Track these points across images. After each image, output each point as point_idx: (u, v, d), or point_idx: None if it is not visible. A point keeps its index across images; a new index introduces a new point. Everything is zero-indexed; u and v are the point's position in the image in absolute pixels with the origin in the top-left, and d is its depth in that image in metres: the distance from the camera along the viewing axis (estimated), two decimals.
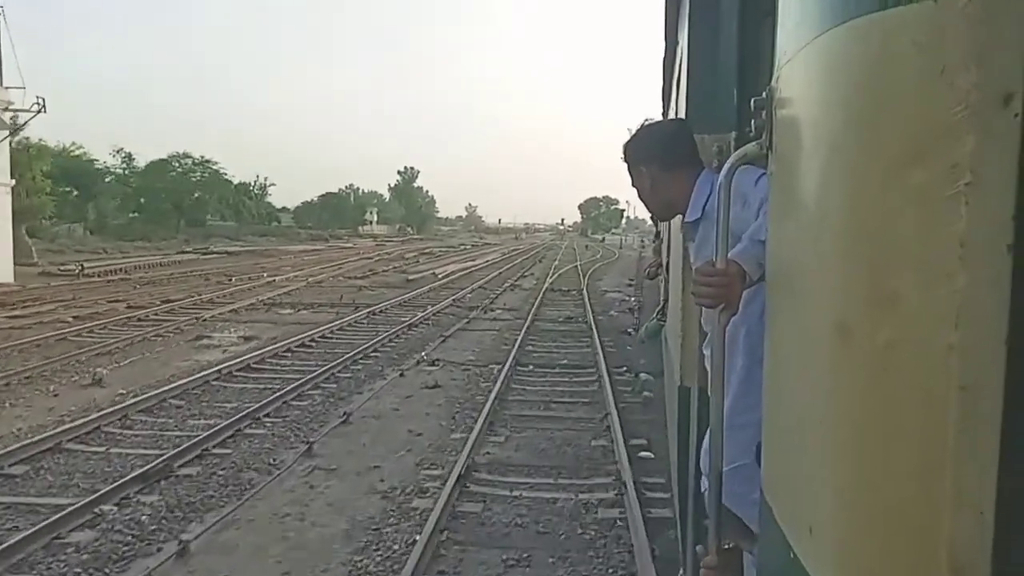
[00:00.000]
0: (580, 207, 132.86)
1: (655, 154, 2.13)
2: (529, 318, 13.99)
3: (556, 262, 34.00)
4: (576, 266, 30.38)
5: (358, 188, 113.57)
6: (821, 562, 0.82)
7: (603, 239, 74.77)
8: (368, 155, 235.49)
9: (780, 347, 1.05)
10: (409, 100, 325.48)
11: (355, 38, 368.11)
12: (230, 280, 21.27)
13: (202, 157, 54.38)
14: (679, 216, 2.21)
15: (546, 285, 21.43)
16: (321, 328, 11.96)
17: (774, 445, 1.07)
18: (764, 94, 1.13)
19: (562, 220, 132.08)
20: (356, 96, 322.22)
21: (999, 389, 0.65)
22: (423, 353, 10.26)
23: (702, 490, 1.87)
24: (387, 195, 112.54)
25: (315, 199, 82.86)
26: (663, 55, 5.42)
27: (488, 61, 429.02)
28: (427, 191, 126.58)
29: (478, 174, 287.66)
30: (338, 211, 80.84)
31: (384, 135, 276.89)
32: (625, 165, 2.21)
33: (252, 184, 66.64)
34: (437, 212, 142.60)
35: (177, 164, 53.21)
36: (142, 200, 51.84)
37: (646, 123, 2.31)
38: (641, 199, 2.20)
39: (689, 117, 2.57)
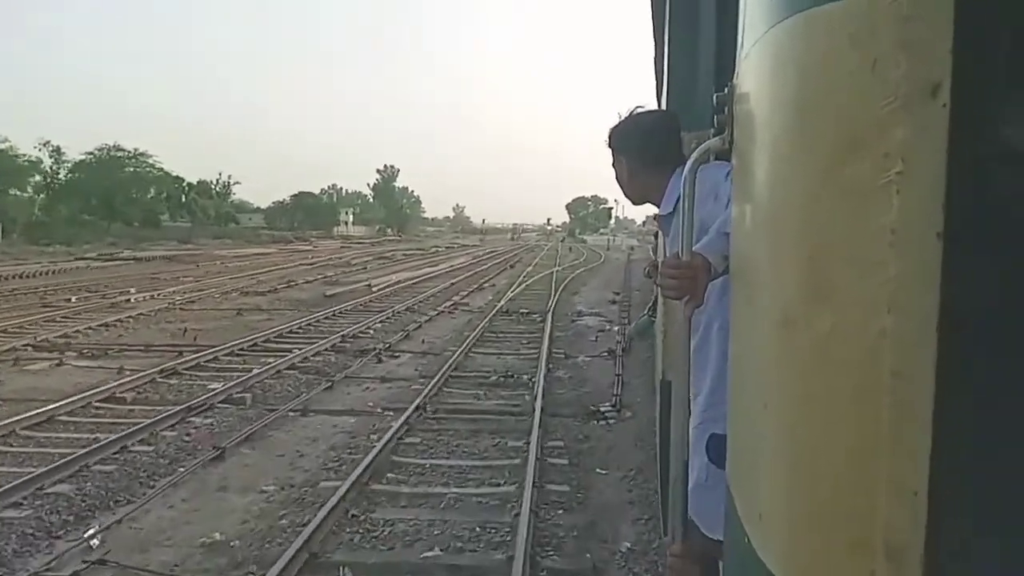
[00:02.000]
0: (568, 207, 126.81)
1: (633, 146, 2.10)
2: (439, 378, 7.80)
3: (530, 268, 27.95)
4: (552, 272, 24.30)
5: (341, 188, 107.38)
6: (770, 547, 0.84)
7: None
8: (356, 154, 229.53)
9: (739, 338, 1.09)
10: (398, 99, 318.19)
11: (347, 37, 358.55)
12: (69, 301, 15.23)
13: (135, 150, 47.57)
14: None
15: (501, 304, 15.28)
16: (19, 417, 6.42)
17: (735, 435, 1.10)
18: (726, 90, 1.16)
19: (548, 220, 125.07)
20: (345, 94, 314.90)
21: (930, 374, 0.67)
22: (91, 533, 3.87)
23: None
24: (371, 195, 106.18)
25: (287, 199, 76.10)
26: (653, 54, 5.50)
27: (482, 61, 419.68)
28: (412, 191, 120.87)
29: (467, 175, 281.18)
30: (311, 211, 74.24)
31: (372, 134, 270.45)
32: (609, 148, 2.18)
33: (214, 182, 59.85)
34: (423, 213, 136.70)
35: (107, 158, 46.23)
36: (88, 198, 45.07)
37: (635, 111, 2.15)
38: (618, 183, 2.18)
39: (671, 112, 2.67)
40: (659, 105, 5.24)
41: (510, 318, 14.03)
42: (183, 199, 52.80)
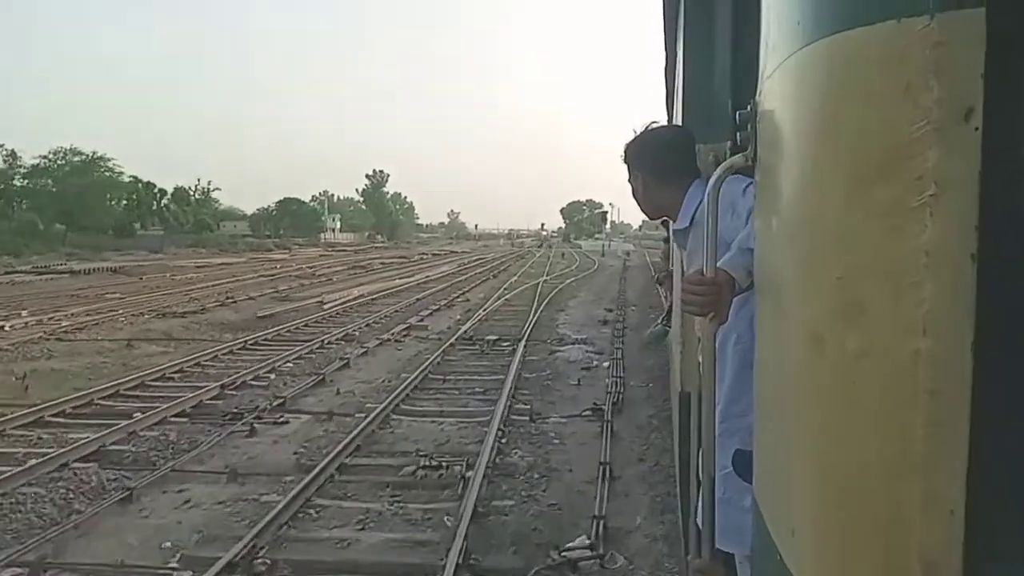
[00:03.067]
0: (562, 211, 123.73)
1: (648, 162, 2.11)
2: (321, 472, 4.85)
3: (515, 278, 24.91)
4: (539, 283, 21.10)
5: (332, 194, 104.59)
6: (803, 564, 0.83)
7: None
8: (351, 161, 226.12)
9: (766, 353, 1.08)
10: (396, 104, 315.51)
11: (346, 41, 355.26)
12: None
13: (93, 154, 44.23)
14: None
15: (467, 327, 12.15)
16: None
17: (763, 449, 1.08)
18: (749, 107, 1.17)
19: (542, 225, 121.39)
20: (342, 100, 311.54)
21: (966, 393, 0.67)
22: None
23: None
24: (361, 201, 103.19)
25: (272, 205, 72.84)
26: (664, 65, 5.30)
27: (479, 65, 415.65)
28: (405, 197, 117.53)
29: (462, 181, 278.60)
30: (297, 218, 70.97)
31: (368, 140, 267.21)
32: (625, 164, 2.20)
33: (193, 188, 56.59)
34: (417, 219, 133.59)
35: (64, 162, 42.94)
36: (49, 205, 41.74)
37: (650, 126, 2.16)
38: (634, 198, 2.19)
39: (686, 126, 2.59)
40: (669, 114, 5.11)
41: (472, 348, 10.90)
42: (154, 205, 49.52)
